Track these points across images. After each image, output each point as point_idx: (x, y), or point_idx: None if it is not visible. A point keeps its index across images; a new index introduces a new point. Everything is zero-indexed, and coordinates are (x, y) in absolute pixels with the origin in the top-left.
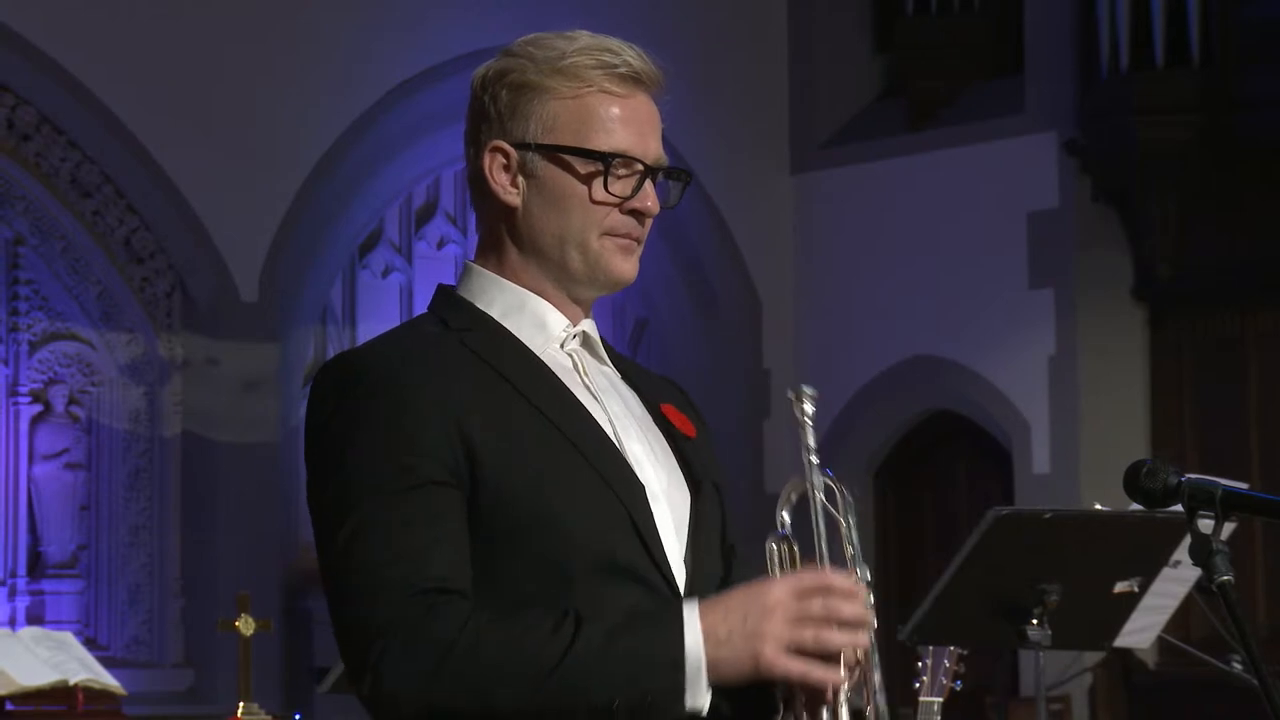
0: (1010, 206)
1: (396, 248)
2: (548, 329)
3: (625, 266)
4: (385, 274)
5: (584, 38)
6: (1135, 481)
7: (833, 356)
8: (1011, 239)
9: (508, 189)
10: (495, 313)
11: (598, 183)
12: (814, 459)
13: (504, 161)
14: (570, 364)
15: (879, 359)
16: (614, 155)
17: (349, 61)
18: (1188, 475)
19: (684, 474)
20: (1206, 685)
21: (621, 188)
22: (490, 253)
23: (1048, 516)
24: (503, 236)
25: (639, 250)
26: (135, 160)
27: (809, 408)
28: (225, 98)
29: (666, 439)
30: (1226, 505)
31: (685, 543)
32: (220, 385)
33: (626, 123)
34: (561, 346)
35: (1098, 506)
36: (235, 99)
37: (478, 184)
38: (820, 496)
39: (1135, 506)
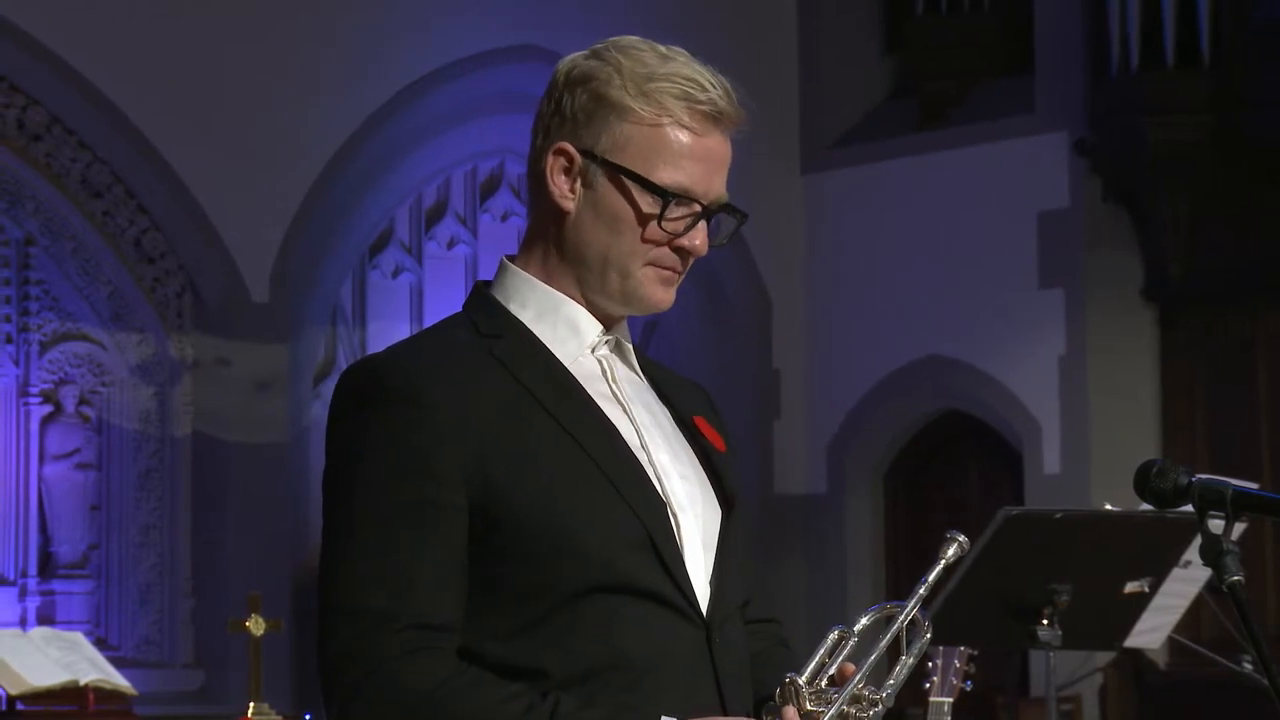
0: (1020, 206)
1: (406, 248)
2: (581, 334)
3: (662, 296)
4: (395, 274)
5: (678, 61)
6: (1145, 482)
7: (843, 357)
8: (1021, 239)
9: (565, 193)
10: (528, 316)
11: (652, 216)
12: (923, 591)
13: (566, 165)
14: (600, 370)
15: (889, 359)
16: (673, 195)
17: (359, 62)
18: (1198, 475)
19: (716, 490)
20: (1217, 685)
21: (674, 226)
22: (533, 250)
23: (1058, 517)
24: (549, 237)
25: (679, 281)
26: (145, 161)
27: (951, 552)
28: (235, 98)
29: (698, 453)
30: (1237, 505)
31: (712, 562)
32: (231, 385)
33: (696, 160)
34: (593, 352)
35: (1108, 507)
36: (245, 100)
37: (536, 177)
38: (903, 623)
39: (1145, 507)
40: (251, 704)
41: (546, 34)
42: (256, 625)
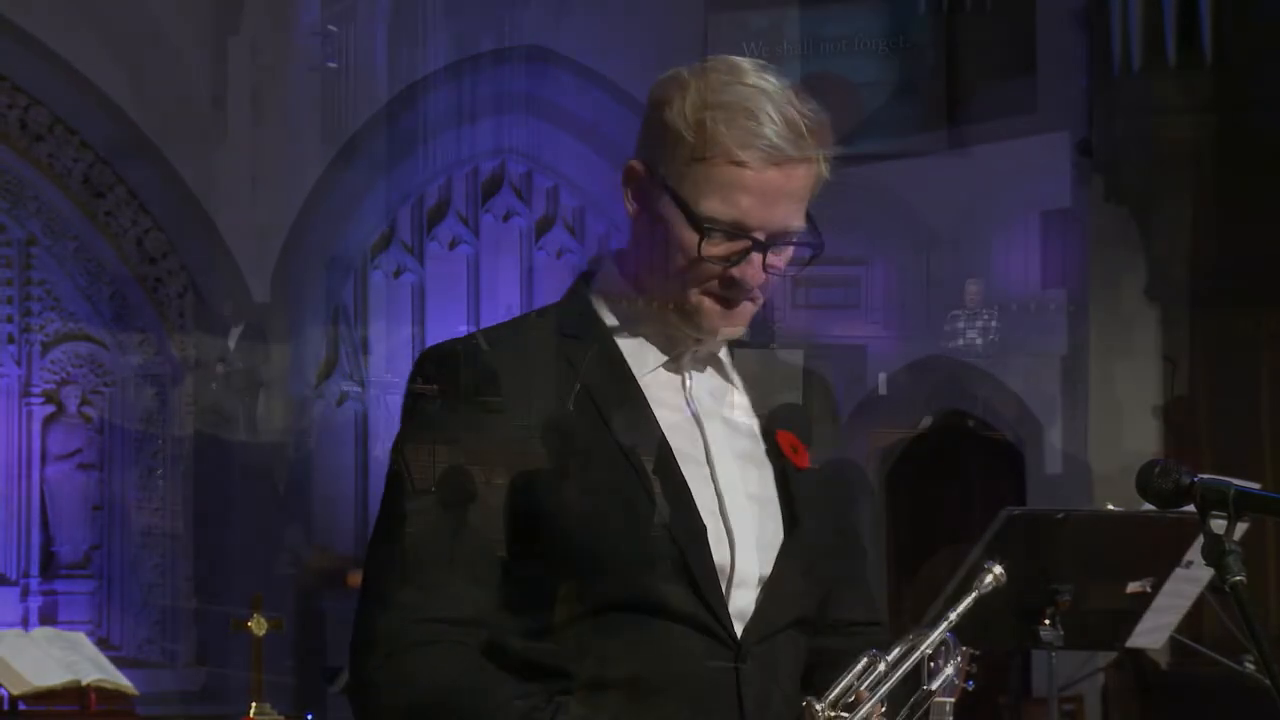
0: (1023, 206)
1: (408, 248)
2: (662, 346)
3: (719, 324)
4: (397, 274)
5: (749, 88)
6: (1148, 481)
7: (845, 356)
8: (1024, 239)
9: (634, 209)
10: (613, 321)
11: (696, 247)
12: (954, 618)
13: (636, 181)
14: (679, 383)
15: (892, 359)
16: (715, 229)
17: (360, 62)
18: (1200, 475)
19: (783, 510)
20: (1219, 686)
21: (722, 255)
22: (627, 256)
23: (1060, 517)
24: (632, 247)
25: (748, 309)
26: (147, 161)
27: (987, 582)
28: (236, 98)
29: (776, 471)
30: (1239, 505)
31: (763, 584)
32: (231, 385)
33: (749, 193)
34: (675, 362)
35: (1110, 507)
36: (246, 100)
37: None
38: (926, 651)
39: (1147, 507)
40: (253, 704)
41: (546, 34)
42: (258, 625)
